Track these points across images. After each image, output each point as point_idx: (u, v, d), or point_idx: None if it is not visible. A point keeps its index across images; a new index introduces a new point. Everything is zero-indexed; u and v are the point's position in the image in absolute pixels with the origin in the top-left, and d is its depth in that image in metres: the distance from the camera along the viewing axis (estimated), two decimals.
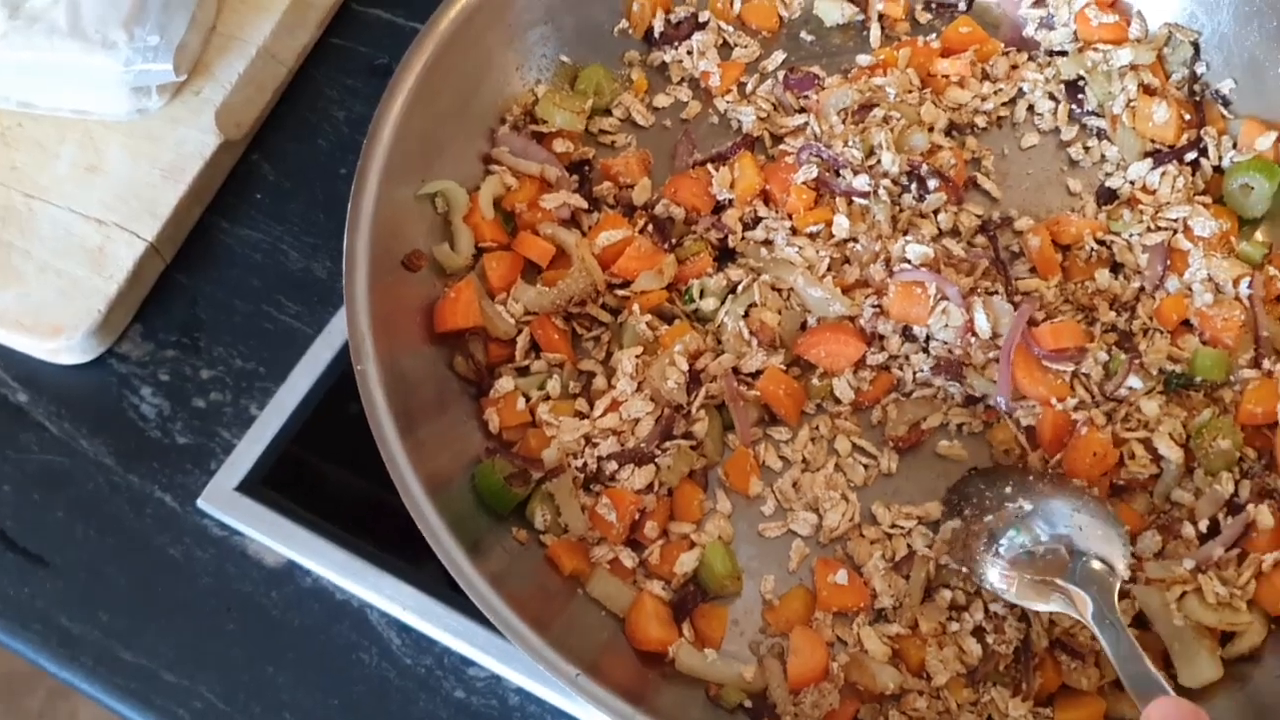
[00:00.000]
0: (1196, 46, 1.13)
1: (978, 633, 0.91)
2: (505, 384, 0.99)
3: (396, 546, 0.98)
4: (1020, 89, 1.15)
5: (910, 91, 1.12)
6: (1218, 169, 1.11)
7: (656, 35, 1.17)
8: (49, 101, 1.13)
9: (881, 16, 1.18)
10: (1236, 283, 1.01)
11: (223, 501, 1.01)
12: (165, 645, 0.97)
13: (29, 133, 1.15)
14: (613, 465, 0.96)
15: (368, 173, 0.96)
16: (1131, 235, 1.05)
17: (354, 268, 0.92)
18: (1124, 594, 0.91)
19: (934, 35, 1.18)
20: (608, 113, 1.14)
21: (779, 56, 1.18)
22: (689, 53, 1.17)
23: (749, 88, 1.16)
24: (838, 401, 1.00)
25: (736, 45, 1.18)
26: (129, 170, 1.12)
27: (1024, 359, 0.97)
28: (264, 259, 1.13)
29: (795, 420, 1.00)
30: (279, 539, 0.99)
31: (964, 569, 0.91)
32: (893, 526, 0.96)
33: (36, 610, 0.99)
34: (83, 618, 0.98)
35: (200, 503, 1.01)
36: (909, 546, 0.95)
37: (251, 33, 1.19)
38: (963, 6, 1.20)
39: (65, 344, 1.06)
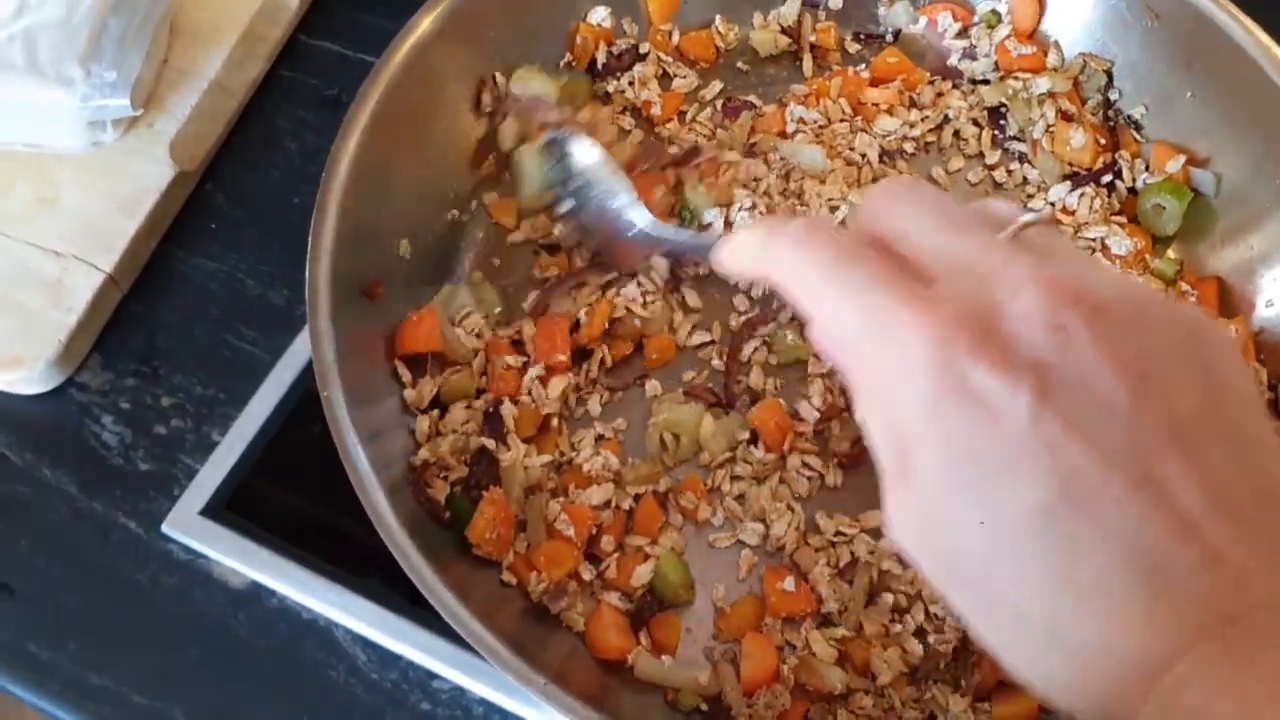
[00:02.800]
0: (1110, 74, 1.20)
1: (919, 633, 0.97)
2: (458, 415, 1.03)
3: (360, 564, 1.01)
4: (946, 115, 1.21)
5: (843, 120, 1.18)
6: (1132, 190, 1.17)
7: (599, 67, 1.21)
8: (6, 137, 1.15)
9: (814, 47, 1.24)
10: None
11: (187, 526, 1.03)
12: (134, 669, 0.99)
13: None
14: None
15: (327, 206, 0.99)
16: None
17: (316, 298, 0.95)
18: None
19: (863, 65, 1.24)
20: None
21: (716, 86, 1.23)
22: (630, 83, 1.21)
23: (689, 115, 1.21)
24: (801, 419, 1.05)
25: (676, 75, 1.23)
26: (85, 203, 1.14)
27: None
28: (220, 287, 1.15)
29: (778, 450, 1.04)
30: (244, 561, 1.02)
31: None
32: (836, 535, 1.01)
33: (4, 639, 1.00)
34: (51, 645, 1.00)
35: (165, 528, 1.03)
36: (852, 553, 1.00)
37: (203, 66, 1.21)
38: (890, 38, 1.26)
39: (25, 375, 1.07)
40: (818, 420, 1.04)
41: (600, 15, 1.20)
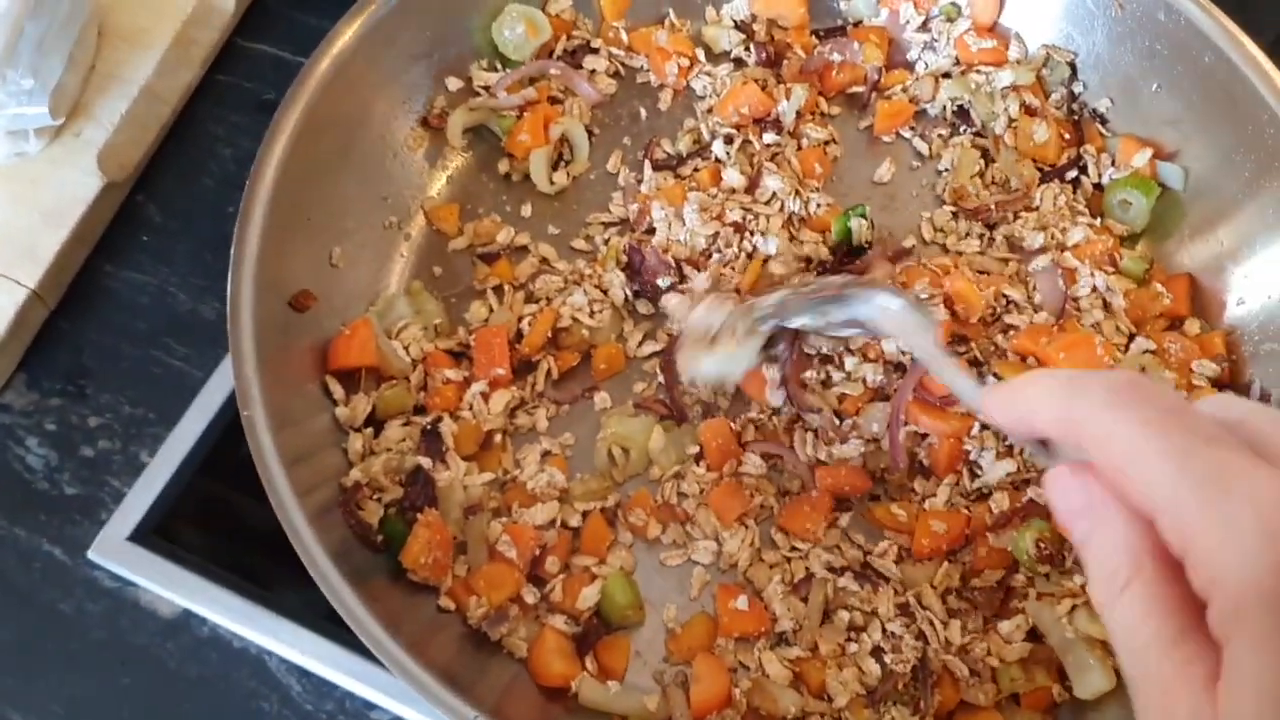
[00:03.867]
0: (1074, 67, 1.16)
1: (876, 653, 0.93)
2: (395, 433, 0.99)
3: (295, 588, 0.97)
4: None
5: (813, 112, 1.15)
6: (1098, 186, 1.13)
7: (557, 57, 1.16)
8: None
9: (775, 42, 1.19)
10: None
11: (114, 552, 0.99)
12: (57, 703, 0.95)
13: None
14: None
15: (251, 213, 0.95)
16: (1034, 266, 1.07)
17: (239, 312, 0.91)
18: (1017, 610, 0.93)
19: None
20: None
21: None
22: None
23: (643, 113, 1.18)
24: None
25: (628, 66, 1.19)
26: (8, 215, 1.09)
27: (921, 405, 0.99)
28: (151, 302, 1.11)
29: (718, 470, 1.00)
30: (173, 588, 0.97)
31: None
32: (791, 550, 0.97)
33: None
34: None
35: (91, 554, 0.98)
36: (807, 569, 0.96)
37: (133, 71, 1.17)
38: (849, 28, 1.21)
39: None
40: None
41: (562, 5, 1.16)
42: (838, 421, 1.00)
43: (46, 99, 1.06)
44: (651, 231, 1.09)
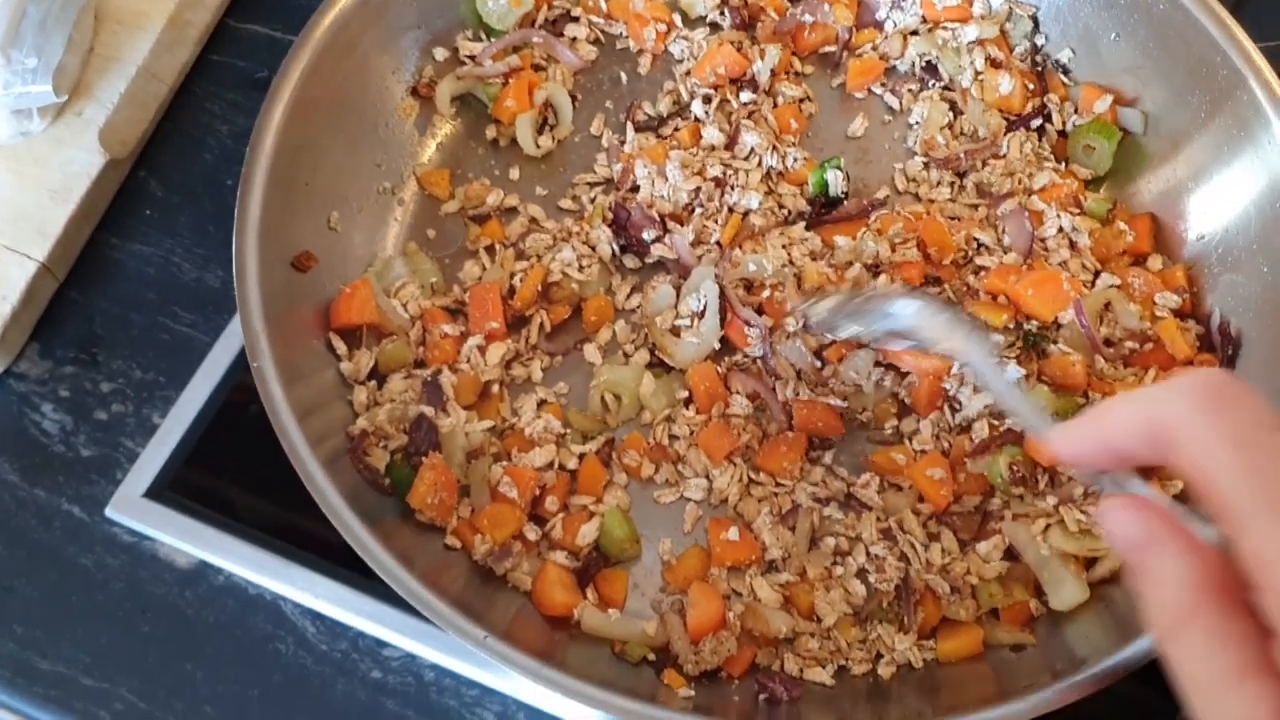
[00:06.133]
0: (1035, 20, 1.21)
1: (861, 574, 0.98)
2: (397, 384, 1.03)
3: (306, 537, 1.01)
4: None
5: (788, 71, 1.20)
6: (1062, 133, 1.18)
7: (539, 26, 1.21)
8: None
9: (749, 6, 1.24)
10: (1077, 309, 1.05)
11: (130, 508, 1.03)
12: (82, 651, 0.99)
13: None
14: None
15: (252, 179, 0.99)
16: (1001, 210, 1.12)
17: (244, 270, 0.95)
18: (994, 531, 0.98)
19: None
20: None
21: None
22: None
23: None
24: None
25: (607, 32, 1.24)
26: (15, 193, 1.13)
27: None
28: (157, 272, 1.15)
29: (707, 412, 1.05)
30: (189, 540, 1.02)
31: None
32: (777, 485, 1.01)
33: None
34: None
35: (108, 511, 1.03)
36: (793, 501, 1.00)
37: (130, 52, 1.21)
38: None
39: None
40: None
41: None
42: (819, 365, 1.05)
43: (50, 77, 1.10)
44: (635, 189, 1.14)
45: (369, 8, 1.09)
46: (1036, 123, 1.18)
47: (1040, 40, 1.21)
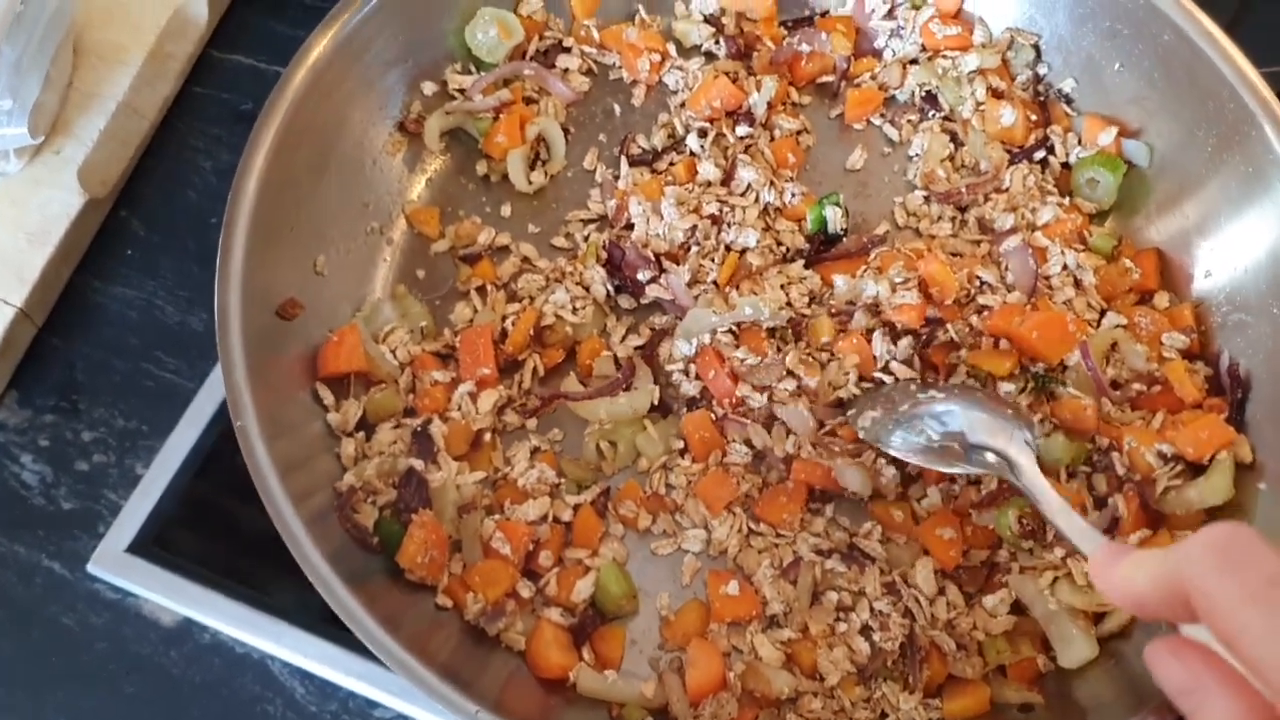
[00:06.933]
0: (1038, 49, 1.18)
1: (865, 631, 0.95)
2: (385, 436, 1.00)
3: (294, 592, 0.99)
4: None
5: (785, 103, 1.17)
6: (1065, 165, 1.16)
7: (530, 57, 1.18)
8: None
9: (744, 35, 1.21)
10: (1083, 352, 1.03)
11: (113, 564, 1.00)
12: (64, 716, 0.97)
13: None
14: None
15: (235, 226, 0.96)
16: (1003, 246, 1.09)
17: (227, 324, 0.92)
18: (1001, 584, 0.96)
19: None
20: None
21: None
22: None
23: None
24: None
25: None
26: None
27: None
28: (139, 316, 1.12)
29: (703, 461, 1.02)
30: (174, 597, 0.99)
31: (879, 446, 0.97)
32: (778, 536, 0.99)
33: None
34: None
35: (91, 567, 1.00)
36: (795, 553, 0.98)
37: (110, 88, 1.18)
38: (816, 18, 1.23)
39: None
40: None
41: (534, 6, 1.18)
42: (820, 427, 1.02)
43: (26, 119, 1.07)
44: (630, 227, 1.11)
45: (354, 42, 1.06)
46: (1039, 155, 1.15)
47: (1042, 69, 1.18)
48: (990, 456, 0.92)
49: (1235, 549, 0.51)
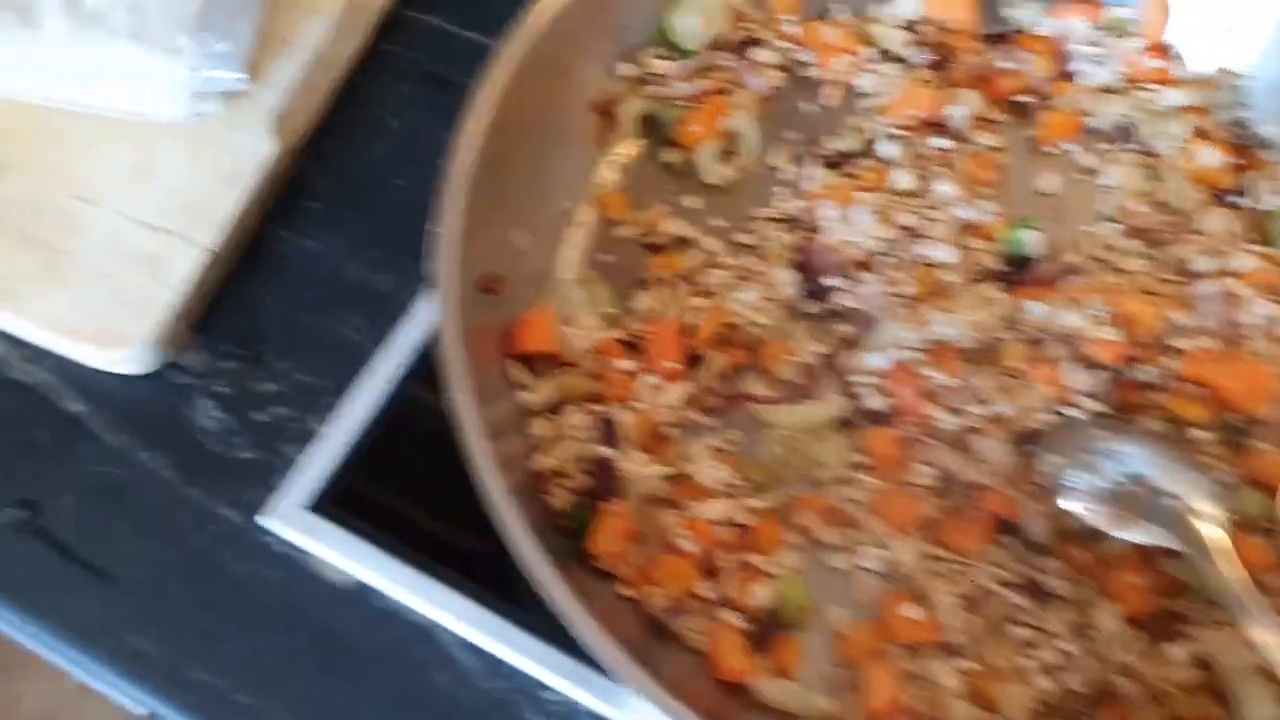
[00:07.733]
0: (1243, 90, 1.16)
1: (1047, 670, 0.94)
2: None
3: (465, 567, 0.99)
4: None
5: (982, 119, 1.16)
6: (1254, 211, 1.14)
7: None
8: (102, 102, 1.11)
9: (943, 46, 1.19)
10: None
11: (288, 518, 1.01)
12: (235, 665, 0.97)
13: (79, 133, 1.12)
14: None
15: (451, 196, 0.95)
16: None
17: (448, 297, 0.92)
18: (1182, 634, 0.95)
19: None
20: None
21: None
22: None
23: None
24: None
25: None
26: (186, 176, 1.10)
27: None
28: (323, 270, 1.12)
29: (887, 477, 1.01)
30: (347, 557, 0.99)
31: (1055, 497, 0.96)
32: (961, 563, 0.98)
33: (103, 626, 0.98)
34: (151, 635, 0.97)
35: (266, 520, 1.00)
36: (976, 582, 0.97)
37: (303, 36, 1.17)
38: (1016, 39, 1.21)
39: (123, 354, 1.04)
40: None
41: None
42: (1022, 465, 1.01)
43: (239, 64, 1.06)
44: (818, 230, 1.10)
45: (564, 20, 1.05)
46: (1237, 199, 1.13)
47: (1245, 113, 1.16)
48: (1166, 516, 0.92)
49: None
